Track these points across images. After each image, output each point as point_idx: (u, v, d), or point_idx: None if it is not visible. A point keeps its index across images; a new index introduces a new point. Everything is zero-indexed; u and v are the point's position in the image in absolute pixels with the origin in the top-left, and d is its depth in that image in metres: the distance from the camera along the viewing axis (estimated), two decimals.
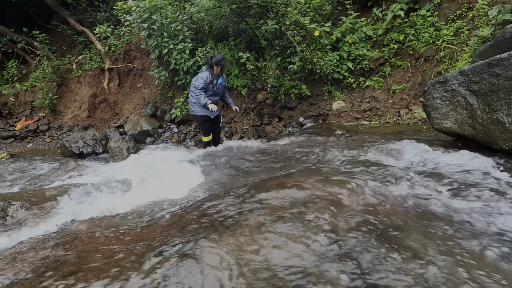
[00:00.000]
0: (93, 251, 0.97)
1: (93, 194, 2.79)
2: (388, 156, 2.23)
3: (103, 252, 0.96)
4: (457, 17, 4.71)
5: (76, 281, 0.82)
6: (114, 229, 1.20)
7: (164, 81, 6.14)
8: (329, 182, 1.54)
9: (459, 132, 2.18)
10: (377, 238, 1.11)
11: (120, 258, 0.90)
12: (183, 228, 1.10)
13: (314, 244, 0.95)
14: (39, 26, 7.62)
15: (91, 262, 0.89)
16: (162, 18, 5.35)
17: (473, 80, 2.07)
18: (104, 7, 7.98)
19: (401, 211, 1.37)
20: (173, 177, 3.21)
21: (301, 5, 5.31)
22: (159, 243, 0.98)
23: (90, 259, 0.91)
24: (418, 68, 4.96)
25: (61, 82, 7.36)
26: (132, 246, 0.99)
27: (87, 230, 1.22)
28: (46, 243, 1.13)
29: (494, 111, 1.96)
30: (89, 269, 0.85)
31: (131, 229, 1.20)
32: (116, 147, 5.11)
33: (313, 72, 5.32)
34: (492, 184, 1.55)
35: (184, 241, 0.93)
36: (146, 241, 1.04)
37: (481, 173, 1.65)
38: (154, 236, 1.08)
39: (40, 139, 6.92)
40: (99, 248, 1.00)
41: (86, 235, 1.15)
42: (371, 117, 4.82)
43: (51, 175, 4.44)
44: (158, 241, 1.02)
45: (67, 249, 1.03)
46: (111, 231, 1.18)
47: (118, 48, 7.17)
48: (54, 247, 1.06)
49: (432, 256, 1.05)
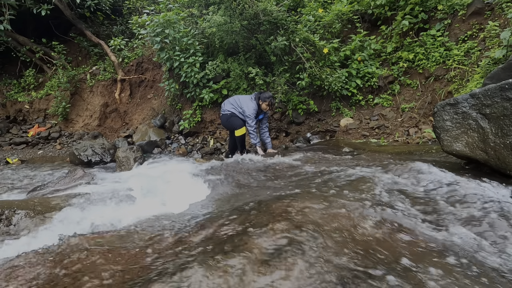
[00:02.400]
0: (88, 271, 0.95)
1: (98, 205, 2.79)
2: (399, 179, 2.18)
3: (97, 273, 0.94)
4: (468, 38, 4.69)
5: None
6: (113, 248, 1.18)
7: (174, 93, 6.24)
8: (333, 207, 1.50)
9: (470, 155, 2.12)
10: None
11: (114, 283, 0.88)
12: (180, 252, 1.08)
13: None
14: (58, 37, 7.94)
15: (84, 285, 0.87)
16: (174, 32, 5.50)
17: (485, 103, 2.02)
18: (120, 21, 8.28)
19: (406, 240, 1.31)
20: (177, 190, 3.21)
21: (311, 22, 5.39)
22: (154, 268, 0.96)
23: (84, 282, 0.90)
24: (428, 87, 4.92)
25: (75, 91, 7.58)
26: (128, 268, 0.97)
27: (86, 247, 1.20)
28: (43, 257, 1.12)
29: (507, 135, 1.91)
30: None
31: (129, 248, 1.18)
32: (124, 156, 5.17)
33: (321, 88, 5.33)
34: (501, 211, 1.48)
35: (179, 267, 0.90)
36: (143, 264, 1.02)
37: (494, 201, 1.58)
38: (152, 257, 1.06)
39: (50, 146, 7.06)
40: (94, 269, 0.99)
41: (85, 253, 1.13)
42: (380, 135, 4.76)
43: (59, 183, 4.49)
44: (153, 265, 0.99)
45: (63, 267, 1.02)
46: (109, 250, 1.16)
47: (131, 60, 7.37)
48: (51, 264, 1.05)
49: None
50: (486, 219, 1.43)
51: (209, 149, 5.81)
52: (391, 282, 0.98)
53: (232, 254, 0.95)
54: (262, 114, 4.48)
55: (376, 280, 1.00)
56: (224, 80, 5.77)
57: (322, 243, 1.09)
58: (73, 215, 2.49)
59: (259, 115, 4.42)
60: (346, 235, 1.21)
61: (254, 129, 4.30)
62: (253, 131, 4.30)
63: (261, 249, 1.00)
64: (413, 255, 1.20)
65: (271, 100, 4.32)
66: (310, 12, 5.46)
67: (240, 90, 5.70)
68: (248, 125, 4.31)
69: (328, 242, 1.11)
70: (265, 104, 4.31)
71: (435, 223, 1.52)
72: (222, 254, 0.94)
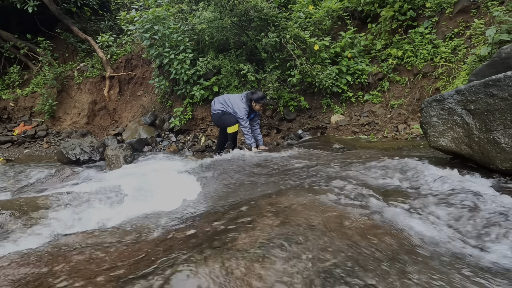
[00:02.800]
0: (74, 271, 0.93)
1: (86, 204, 2.75)
2: (385, 174, 2.21)
3: (83, 272, 0.93)
4: (455, 35, 4.78)
5: None
6: (100, 246, 1.17)
7: (164, 90, 6.17)
8: (321, 204, 1.52)
9: (456, 150, 2.17)
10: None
11: (100, 282, 0.87)
12: (169, 248, 1.07)
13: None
14: (43, 33, 7.72)
15: (69, 285, 0.86)
16: (164, 29, 5.42)
17: (470, 100, 2.07)
18: (108, 16, 8.11)
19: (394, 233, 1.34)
20: (168, 188, 3.18)
21: (301, 19, 5.40)
22: (143, 265, 0.95)
23: (69, 281, 0.88)
24: (416, 84, 5.00)
25: (62, 89, 7.40)
26: (115, 266, 0.96)
27: (72, 246, 1.19)
28: (28, 258, 1.09)
29: (491, 131, 1.96)
30: None
31: (117, 246, 1.17)
32: (113, 155, 5.09)
33: (312, 85, 5.36)
34: (484, 206, 1.52)
35: (167, 263, 0.90)
36: (130, 261, 1.01)
37: (475, 194, 1.62)
38: (139, 256, 1.05)
39: (37, 144, 6.90)
40: (80, 268, 0.97)
41: (71, 252, 1.11)
42: (369, 131, 4.82)
43: (46, 182, 4.39)
44: (142, 262, 0.98)
45: (49, 266, 1.00)
46: (96, 248, 1.14)
47: (120, 57, 7.24)
48: (36, 264, 1.03)
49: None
50: (464, 211, 1.48)
51: (201, 147, 5.78)
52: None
53: (221, 250, 0.95)
54: (253, 113, 4.47)
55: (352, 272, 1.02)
56: (215, 77, 5.73)
57: (308, 237, 1.10)
58: (60, 214, 2.44)
59: (250, 115, 4.40)
60: (333, 229, 1.22)
61: (248, 129, 4.28)
62: (247, 132, 4.27)
63: (250, 244, 1.01)
64: (395, 246, 1.22)
65: (264, 101, 4.32)
66: (301, 9, 5.46)
67: (231, 87, 5.67)
68: (242, 126, 4.29)
69: (314, 236, 1.12)
70: (258, 105, 4.30)
71: (418, 215, 1.55)
72: (210, 249, 0.94)
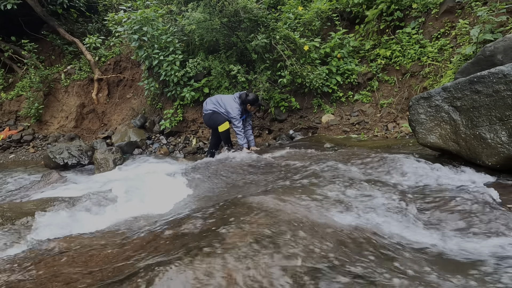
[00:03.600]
0: (54, 276, 0.90)
1: (73, 209, 2.67)
2: (374, 171, 2.23)
3: (65, 277, 0.89)
4: (441, 35, 4.87)
5: None
6: (84, 250, 1.13)
7: (154, 92, 6.10)
8: (309, 200, 1.51)
9: (444, 147, 2.20)
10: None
11: (81, 286, 0.83)
12: (156, 249, 1.04)
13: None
14: (28, 35, 7.54)
15: None
16: (153, 30, 5.36)
17: (456, 96, 2.10)
18: (96, 18, 7.99)
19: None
20: (158, 191, 3.12)
21: (291, 20, 5.42)
22: (127, 267, 0.92)
23: (48, 286, 0.84)
24: (404, 83, 5.07)
25: (48, 92, 7.24)
26: (98, 269, 0.93)
27: (55, 251, 1.14)
28: (8, 265, 1.05)
29: (477, 127, 1.99)
30: None
31: (102, 249, 1.13)
32: (102, 158, 5.00)
33: (302, 85, 5.38)
34: (467, 201, 1.54)
35: (154, 263, 0.87)
36: (115, 264, 0.97)
37: (460, 188, 1.65)
38: (125, 258, 1.02)
39: (23, 149, 6.72)
40: (62, 272, 0.93)
41: (52, 257, 1.07)
42: (360, 131, 4.86)
43: (32, 188, 4.28)
44: (127, 264, 0.95)
45: (29, 272, 0.96)
46: (80, 253, 1.10)
47: (109, 59, 7.13)
48: (15, 271, 0.99)
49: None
50: (452, 203, 1.49)
51: (192, 149, 5.73)
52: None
53: (208, 250, 0.93)
54: (246, 114, 4.45)
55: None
56: (206, 79, 5.69)
57: (295, 235, 1.09)
58: (47, 219, 2.37)
59: (243, 115, 4.39)
60: (319, 228, 1.22)
61: (241, 129, 4.24)
62: (240, 132, 4.24)
63: (237, 243, 0.99)
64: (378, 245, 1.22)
65: (260, 102, 4.34)
66: (290, 10, 5.49)
67: (222, 88, 5.65)
68: (235, 126, 4.26)
69: (301, 233, 1.11)
70: (253, 107, 4.32)
71: (399, 211, 1.56)
72: (197, 250, 0.92)
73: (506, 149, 1.84)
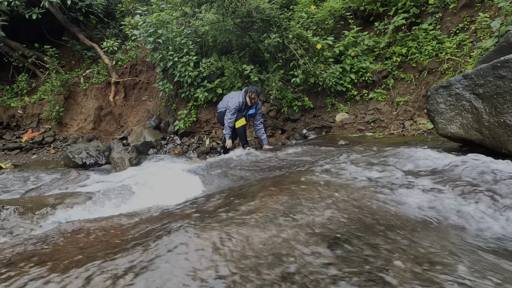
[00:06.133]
0: (69, 243, 0.91)
1: (90, 202, 2.74)
2: (394, 161, 2.16)
3: (80, 245, 0.90)
4: (460, 30, 4.73)
5: (46, 269, 0.76)
6: (102, 226, 1.14)
7: (168, 94, 6.21)
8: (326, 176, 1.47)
9: (465, 137, 2.11)
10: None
11: (98, 249, 0.84)
12: (169, 222, 1.04)
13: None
14: (50, 42, 7.90)
15: (64, 254, 0.83)
16: (167, 32, 5.49)
17: (478, 83, 2.02)
18: (113, 24, 8.27)
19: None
20: (172, 187, 3.16)
21: (303, 19, 5.41)
22: (140, 236, 0.93)
23: (65, 251, 0.85)
24: (421, 80, 4.94)
25: (68, 95, 7.52)
26: (115, 239, 0.93)
27: (72, 229, 1.16)
28: (27, 241, 1.07)
29: (501, 114, 1.90)
30: (60, 258, 0.79)
31: (119, 226, 1.14)
32: (119, 157, 5.11)
33: (316, 84, 5.33)
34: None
35: (165, 231, 0.87)
36: (129, 235, 0.98)
37: (491, 177, 1.56)
38: (141, 229, 1.03)
39: (45, 150, 6.98)
40: (78, 242, 0.94)
41: (70, 233, 1.09)
42: (375, 129, 4.75)
43: (52, 185, 4.41)
44: (139, 234, 0.96)
45: (47, 244, 0.98)
46: (97, 227, 1.12)
47: (125, 63, 7.34)
48: (34, 244, 1.01)
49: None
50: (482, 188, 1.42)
51: (205, 149, 5.77)
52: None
53: (221, 219, 0.92)
54: (253, 110, 4.47)
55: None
56: (219, 79, 5.75)
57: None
58: (66, 211, 2.43)
59: (246, 110, 4.43)
60: (334, 201, 1.18)
61: (230, 121, 4.33)
62: (229, 124, 4.33)
63: (250, 213, 0.97)
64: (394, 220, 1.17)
65: (256, 92, 4.31)
66: (303, 9, 5.48)
67: (235, 88, 5.68)
68: (226, 116, 4.36)
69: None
70: (249, 96, 4.33)
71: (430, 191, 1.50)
72: (210, 219, 0.91)
73: None
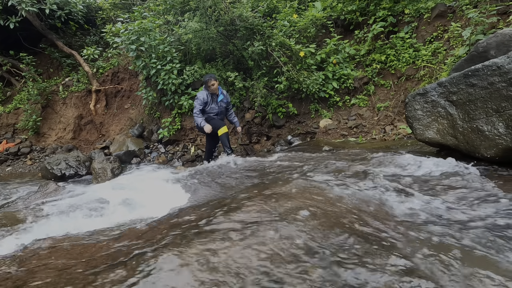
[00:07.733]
0: (45, 266, 0.86)
1: (68, 216, 2.64)
2: (371, 166, 2.21)
3: (57, 266, 0.86)
4: (434, 39, 4.95)
5: None
6: (79, 243, 1.09)
7: (151, 102, 6.12)
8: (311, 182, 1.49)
9: (442, 142, 2.19)
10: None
11: (74, 272, 0.80)
12: (152, 238, 1.01)
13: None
14: (27, 49, 7.62)
15: (38, 277, 0.79)
16: (150, 40, 5.43)
17: (451, 91, 2.11)
18: (94, 31, 8.10)
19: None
20: (156, 198, 3.09)
21: (286, 27, 5.51)
22: (120, 254, 0.89)
23: (40, 274, 0.81)
24: (400, 86, 5.12)
25: (46, 104, 7.26)
26: (92, 258, 0.90)
27: (49, 246, 1.11)
28: (1, 261, 1.01)
29: (474, 120, 1.99)
30: (36, 284, 0.75)
31: (97, 242, 1.10)
32: (100, 168, 4.96)
33: (299, 91, 5.42)
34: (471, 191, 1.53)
35: (152, 248, 0.85)
36: (109, 252, 0.94)
37: (462, 180, 1.63)
38: (118, 247, 0.99)
39: (20, 162, 6.67)
40: (55, 262, 0.90)
41: (47, 251, 1.04)
42: (358, 134, 4.87)
43: (29, 198, 4.21)
44: (120, 251, 0.93)
45: (20, 266, 0.93)
46: (74, 246, 1.07)
47: (106, 70, 7.19)
48: (6, 264, 0.95)
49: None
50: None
51: (190, 157, 5.70)
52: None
53: (203, 235, 0.90)
54: (221, 96, 4.53)
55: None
56: (203, 86, 5.72)
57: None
58: (42, 226, 2.33)
59: (216, 98, 4.50)
60: (319, 210, 1.19)
61: (198, 113, 4.39)
62: (198, 115, 4.39)
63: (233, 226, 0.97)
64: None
65: (210, 77, 4.41)
66: (285, 18, 5.59)
67: None
68: (194, 113, 4.43)
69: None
70: (207, 87, 4.44)
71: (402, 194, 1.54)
72: (194, 235, 0.89)
73: (504, 140, 1.83)
